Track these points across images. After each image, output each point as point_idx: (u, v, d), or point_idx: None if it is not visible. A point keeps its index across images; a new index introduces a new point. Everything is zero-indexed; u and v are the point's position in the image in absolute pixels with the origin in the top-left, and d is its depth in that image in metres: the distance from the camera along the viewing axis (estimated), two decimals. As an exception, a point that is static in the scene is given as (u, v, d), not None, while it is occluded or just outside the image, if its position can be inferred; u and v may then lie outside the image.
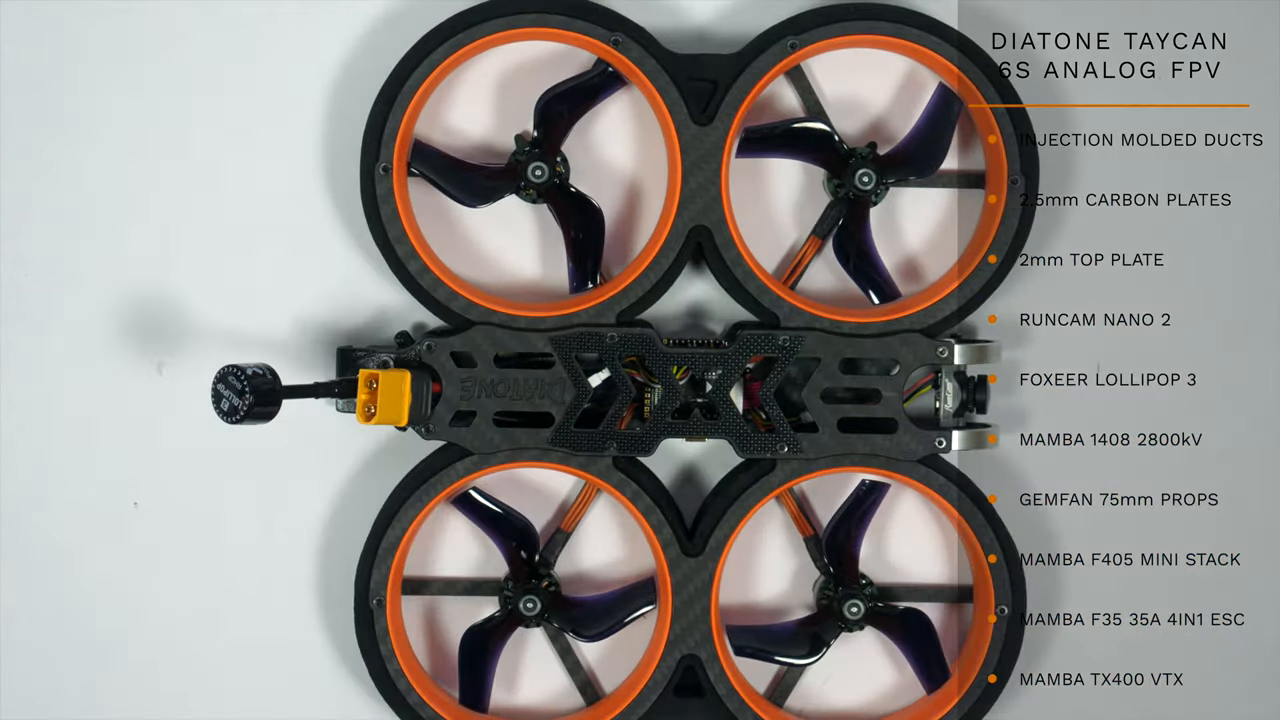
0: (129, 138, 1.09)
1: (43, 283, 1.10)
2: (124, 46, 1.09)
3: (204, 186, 1.09)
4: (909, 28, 1.05)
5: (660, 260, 1.05)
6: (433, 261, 1.05)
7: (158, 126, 1.09)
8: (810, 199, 1.11)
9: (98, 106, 1.09)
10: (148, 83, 1.09)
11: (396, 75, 1.04)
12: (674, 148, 1.05)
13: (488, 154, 1.08)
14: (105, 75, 1.09)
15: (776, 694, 1.12)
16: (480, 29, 1.04)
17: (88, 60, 1.09)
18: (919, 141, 1.08)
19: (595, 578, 1.12)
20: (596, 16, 1.04)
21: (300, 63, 1.09)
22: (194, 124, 1.10)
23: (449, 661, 1.10)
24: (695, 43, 1.09)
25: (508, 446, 1.05)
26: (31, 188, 1.09)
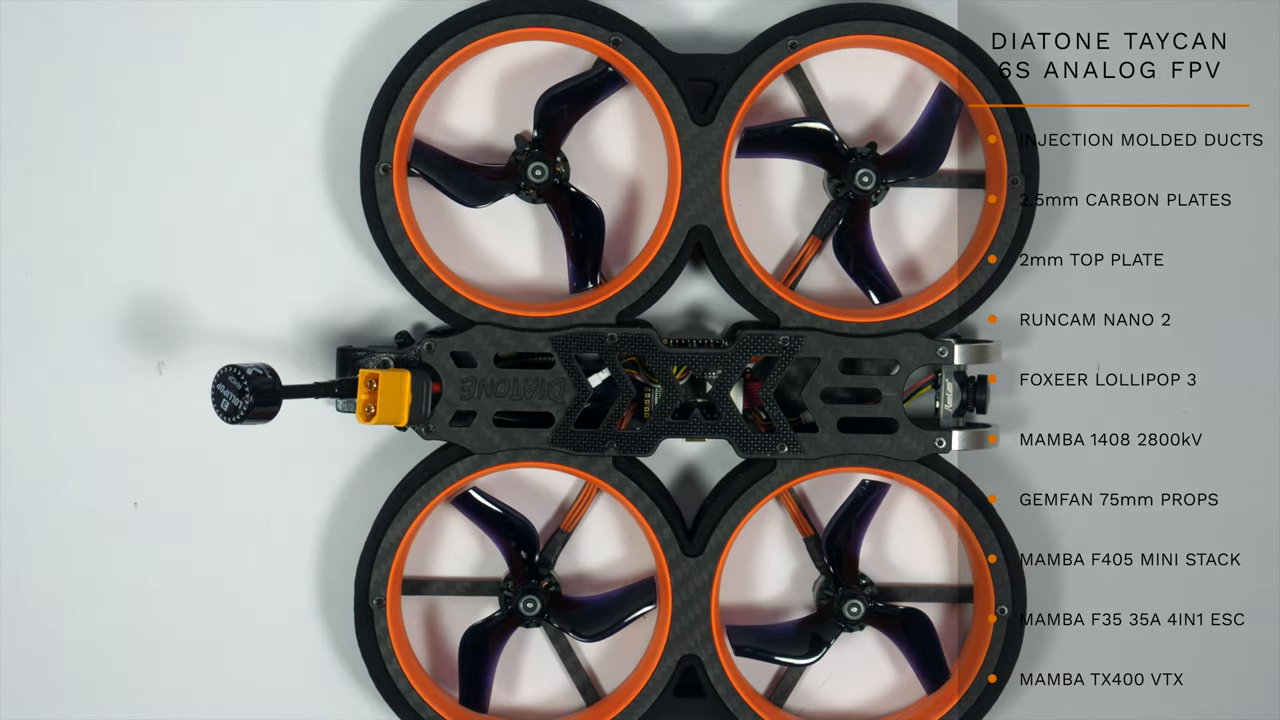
0: (129, 137, 1.09)
1: (43, 282, 1.09)
2: (124, 46, 1.09)
3: (204, 187, 1.09)
4: (909, 28, 1.05)
5: (660, 260, 1.05)
6: (433, 261, 1.05)
7: (158, 126, 1.09)
8: (810, 199, 1.10)
9: (98, 106, 1.09)
10: (148, 83, 1.09)
11: (397, 75, 1.04)
12: (674, 148, 1.05)
13: (488, 154, 1.08)
14: (105, 75, 1.09)
15: (776, 694, 1.12)
16: (480, 29, 1.04)
17: (88, 60, 1.09)
18: (919, 141, 1.08)
19: (595, 578, 1.12)
20: (597, 16, 1.04)
21: (300, 63, 1.09)
22: (194, 124, 1.09)
23: (449, 661, 1.10)
24: (695, 43, 1.09)
25: (507, 446, 1.04)
26: (32, 187, 1.09)
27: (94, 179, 1.09)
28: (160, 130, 1.09)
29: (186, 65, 1.09)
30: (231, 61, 1.09)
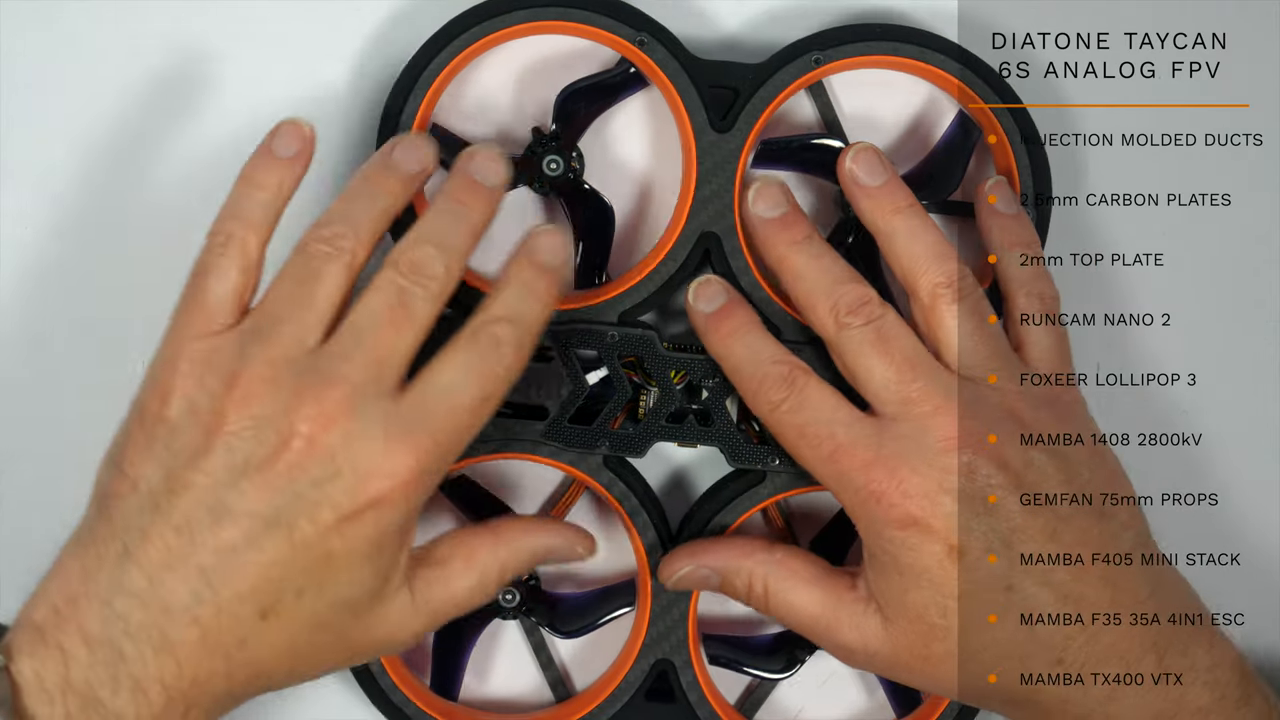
0: (137, 133, 1.08)
1: (43, 282, 1.09)
2: (133, 44, 1.08)
3: (217, 183, 1.08)
4: (934, 53, 1.05)
5: (667, 263, 1.05)
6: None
7: (163, 122, 1.08)
8: (820, 215, 1.10)
9: (103, 103, 1.08)
10: (155, 80, 1.08)
11: (415, 63, 1.03)
12: (690, 153, 1.05)
13: (504, 144, 1.08)
14: (115, 71, 1.08)
15: (747, 706, 1.12)
16: (504, 19, 1.03)
17: (94, 55, 1.08)
18: (934, 167, 1.08)
19: (576, 575, 1.12)
20: (624, 15, 1.04)
21: (318, 53, 1.08)
22: (208, 117, 1.09)
23: (421, 646, 1.10)
24: (722, 50, 1.09)
25: (499, 436, 1.04)
26: (32, 186, 1.08)
27: (99, 175, 1.08)
28: (163, 129, 1.08)
29: (195, 60, 1.09)
30: (245, 55, 1.09)
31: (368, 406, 0.85)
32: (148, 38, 1.08)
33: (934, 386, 0.94)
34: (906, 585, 0.95)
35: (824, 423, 0.94)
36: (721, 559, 1.02)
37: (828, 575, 1.00)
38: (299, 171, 0.94)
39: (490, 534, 0.95)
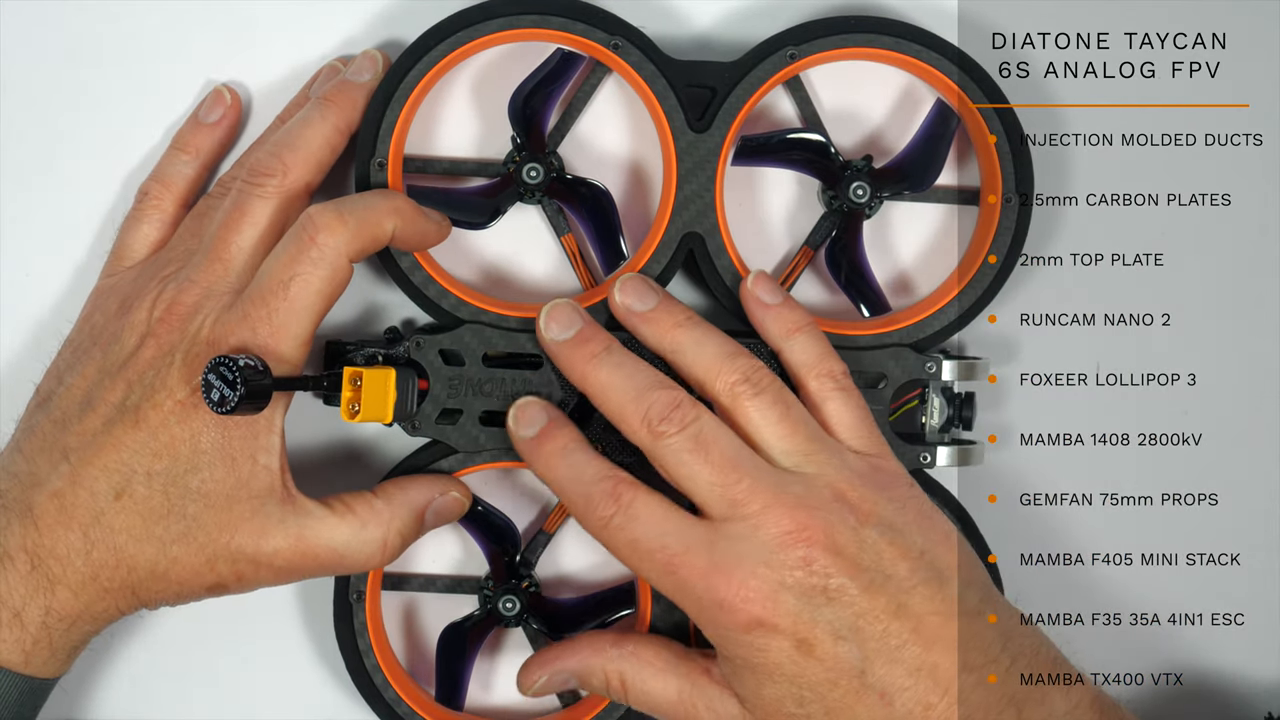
0: (125, 135, 1.09)
1: (43, 282, 1.10)
2: (121, 45, 1.09)
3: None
4: (909, 43, 1.04)
5: (651, 266, 1.05)
6: (424, 258, 1.04)
7: (149, 124, 1.09)
8: (804, 210, 1.10)
9: (94, 105, 1.09)
10: (149, 82, 1.09)
11: (394, 72, 1.03)
12: (669, 154, 1.04)
13: (485, 168, 1.09)
14: (102, 73, 1.09)
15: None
16: (480, 28, 1.03)
17: (85, 58, 1.09)
18: (915, 156, 1.08)
19: (576, 580, 1.12)
20: (598, 20, 1.04)
21: (297, 60, 1.09)
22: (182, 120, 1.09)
23: (426, 658, 1.11)
24: (696, 49, 1.09)
25: (493, 445, 1.04)
26: (32, 186, 1.09)
27: (93, 176, 1.09)
28: (156, 129, 1.09)
29: (185, 60, 1.09)
30: (230, 58, 1.09)
31: (209, 302, 0.95)
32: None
33: (759, 484, 0.92)
34: (761, 681, 0.94)
35: (655, 535, 0.92)
36: (574, 661, 1.02)
37: (682, 660, 1.00)
38: (220, 135, 1.06)
39: (372, 493, 1.00)
